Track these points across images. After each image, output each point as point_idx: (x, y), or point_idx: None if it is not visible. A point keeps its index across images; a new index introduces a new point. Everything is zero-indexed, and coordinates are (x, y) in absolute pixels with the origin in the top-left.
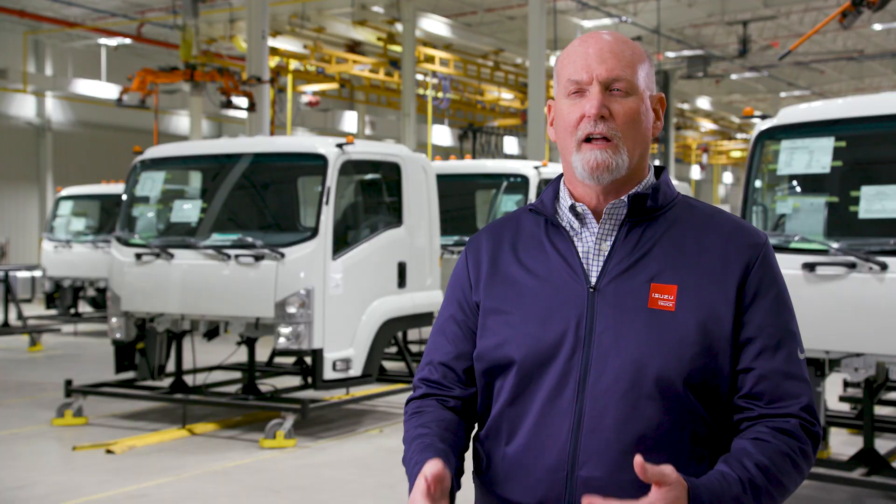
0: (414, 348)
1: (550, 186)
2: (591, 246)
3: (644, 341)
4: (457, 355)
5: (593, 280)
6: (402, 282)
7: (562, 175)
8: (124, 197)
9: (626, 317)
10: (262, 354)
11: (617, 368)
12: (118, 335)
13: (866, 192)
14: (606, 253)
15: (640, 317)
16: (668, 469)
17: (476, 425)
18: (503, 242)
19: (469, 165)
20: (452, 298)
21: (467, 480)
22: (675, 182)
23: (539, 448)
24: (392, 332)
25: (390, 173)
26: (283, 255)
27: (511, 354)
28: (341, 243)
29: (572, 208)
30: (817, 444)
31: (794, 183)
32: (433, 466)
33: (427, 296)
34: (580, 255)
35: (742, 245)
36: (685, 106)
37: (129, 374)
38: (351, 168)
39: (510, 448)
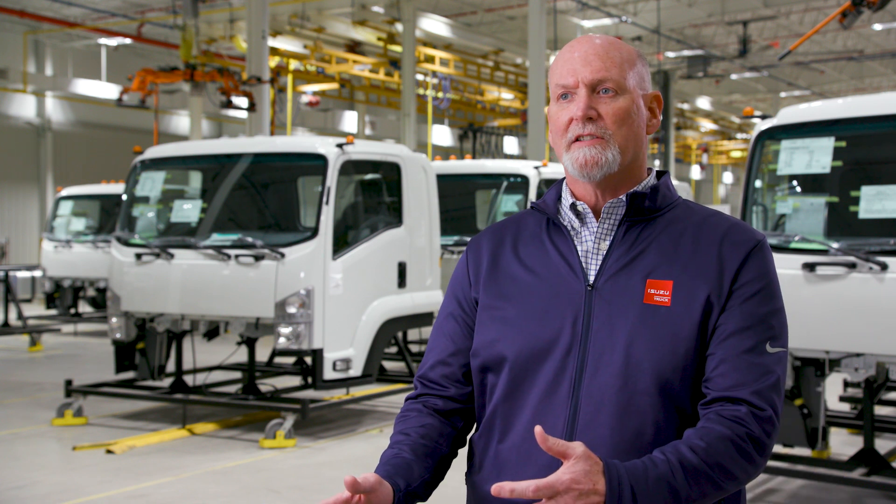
0: (414, 348)
1: (553, 187)
2: (591, 245)
3: (639, 337)
4: (454, 352)
5: (592, 279)
6: (402, 282)
7: (564, 178)
8: (124, 197)
9: (621, 312)
10: (262, 354)
11: (613, 364)
12: (118, 335)
13: (866, 192)
14: (605, 252)
15: (636, 312)
16: (575, 443)
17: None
18: (504, 241)
19: (469, 165)
20: (451, 296)
21: (459, 480)
22: (675, 182)
23: (533, 445)
24: (392, 332)
25: (390, 173)
26: (283, 255)
27: (504, 351)
28: (341, 243)
29: (573, 206)
30: (770, 430)
31: (794, 183)
32: (365, 478)
33: (427, 296)
34: (580, 254)
35: (738, 242)
36: (685, 106)
37: (129, 374)
38: (351, 168)
39: (504, 445)
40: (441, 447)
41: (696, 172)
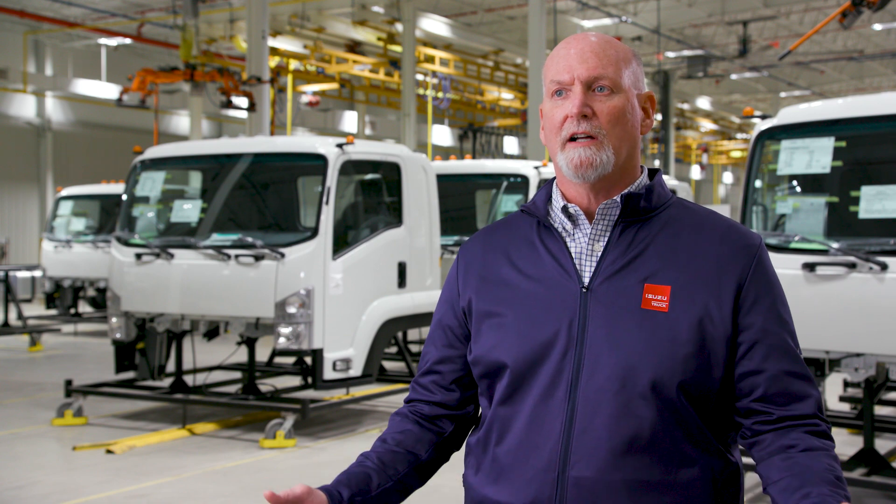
0: (414, 348)
1: (543, 189)
2: (584, 247)
3: (637, 341)
4: (441, 359)
5: (586, 281)
6: (402, 282)
7: (555, 178)
8: (124, 197)
9: (618, 317)
10: (262, 354)
11: (609, 368)
12: (118, 335)
13: (866, 192)
14: (599, 253)
15: (634, 317)
16: None
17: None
18: (495, 245)
19: (469, 165)
20: (442, 303)
21: (459, 481)
22: (675, 182)
23: (530, 448)
24: (392, 332)
25: (390, 173)
26: (283, 255)
27: (503, 357)
28: (341, 243)
29: (564, 209)
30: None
31: (794, 183)
32: (289, 491)
33: (427, 296)
34: (573, 255)
35: (737, 246)
36: (685, 106)
37: (129, 374)
38: (351, 168)
39: (501, 449)
40: (418, 454)
41: (696, 172)
